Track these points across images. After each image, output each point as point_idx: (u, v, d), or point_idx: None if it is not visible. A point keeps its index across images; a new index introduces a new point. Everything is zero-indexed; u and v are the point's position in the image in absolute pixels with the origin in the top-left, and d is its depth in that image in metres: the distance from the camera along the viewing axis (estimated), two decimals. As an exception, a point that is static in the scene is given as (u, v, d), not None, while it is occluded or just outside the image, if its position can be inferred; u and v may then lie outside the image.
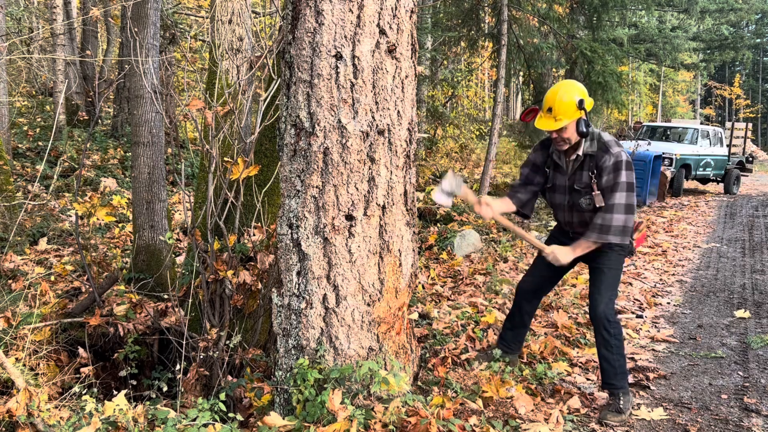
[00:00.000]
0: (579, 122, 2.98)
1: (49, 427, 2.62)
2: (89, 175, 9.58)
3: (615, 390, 3.15)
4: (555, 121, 2.97)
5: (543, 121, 3.03)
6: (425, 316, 4.72)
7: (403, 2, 2.75)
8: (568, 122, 2.97)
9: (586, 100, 2.96)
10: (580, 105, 2.93)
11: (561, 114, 2.96)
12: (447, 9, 12.37)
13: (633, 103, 32.99)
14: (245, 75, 3.69)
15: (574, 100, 2.94)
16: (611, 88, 10.66)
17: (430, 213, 9.01)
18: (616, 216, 2.96)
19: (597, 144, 3.04)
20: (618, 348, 3.12)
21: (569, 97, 2.94)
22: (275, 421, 2.62)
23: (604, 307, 3.11)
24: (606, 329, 3.11)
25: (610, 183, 2.98)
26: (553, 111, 2.97)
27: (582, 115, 2.97)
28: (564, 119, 2.95)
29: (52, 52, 11.62)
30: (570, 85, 3.02)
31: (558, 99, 2.96)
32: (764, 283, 6.06)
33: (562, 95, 2.96)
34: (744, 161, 16.03)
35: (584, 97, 2.97)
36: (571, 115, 2.95)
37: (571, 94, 2.96)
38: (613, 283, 3.16)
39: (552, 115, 2.98)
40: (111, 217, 4.64)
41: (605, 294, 3.14)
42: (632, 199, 2.99)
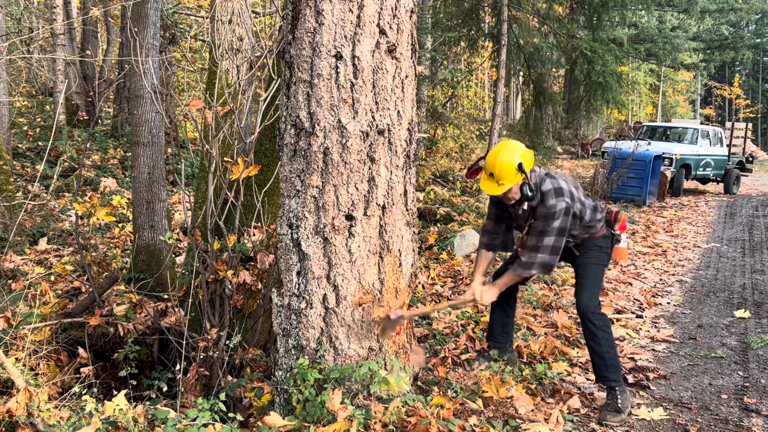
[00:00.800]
0: (522, 186, 3.06)
1: (49, 427, 2.62)
2: (89, 175, 9.58)
3: (609, 383, 3.18)
4: (498, 185, 3.07)
5: (487, 184, 3.13)
6: (425, 316, 4.72)
7: (403, 2, 2.75)
8: (511, 185, 3.06)
9: (525, 162, 3.03)
10: (519, 168, 3.01)
11: (503, 179, 3.05)
12: (447, 9, 12.37)
13: (633, 103, 32.99)
14: (245, 75, 3.69)
15: (514, 163, 3.01)
16: (611, 88, 10.66)
17: (430, 213, 9.01)
18: (540, 255, 3.11)
19: (539, 196, 3.14)
20: (606, 340, 3.19)
21: (509, 161, 3.01)
22: (275, 421, 2.62)
23: (587, 300, 3.24)
24: (591, 321, 3.20)
25: (540, 228, 3.11)
26: (495, 176, 3.06)
27: (523, 178, 3.05)
28: (506, 183, 3.05)
29: (52, 52, 11.62)
30: (509, 148, 3.08)
31: (498, 163, 3.03)
32: (764, 283, 6.06)
33: (502, 159, 3.03)
34: (744, 161, 16.03)
35: (524, 158, 3.04)
36: (512, 179, 3.04)
37: (510, 156, 3.02)
38: (595, 278, 3.31)
39: (494, 180, 3.08)
40: (111, 217, 4.64)
41: (588, 289, 3.27)
42: (559, 242, 3.11)
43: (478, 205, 9.65)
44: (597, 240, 3.34)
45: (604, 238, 3.36)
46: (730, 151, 15.62)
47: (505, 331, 3.66)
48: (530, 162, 3.09)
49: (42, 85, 14.80)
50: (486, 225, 3.45)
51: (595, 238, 3.34)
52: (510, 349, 3.69)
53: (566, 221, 3.11)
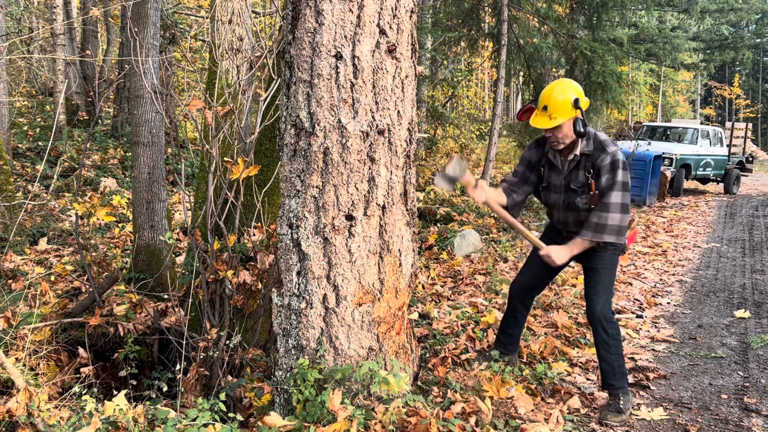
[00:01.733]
0: (576, 122, 2.95)
1: (49, 427, 2.62)
2: (89, 175, 9.58)
3: (615, 390, 3.15)
4: (550, 119, 2.94)
5: (538, 119, 3.00)
6: (425, 316, 4.72)
7: (403, 2, 2.75)
8: (564, 121, 2.94)
9: (581, 99, 2.94)
10: (575, 104, 2.91)
11: (556, 112, 2.93)
12: (447, 9, 12.37)
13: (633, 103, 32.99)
14: (245, 75, 3.69)
15: (570, 98, 2.91)
16: (611, 88, 10.66)
17: (430, 213, 9.01)
18: (612, 215, 2.95)
19: (593, 143, 3.02)
20: (616, 348, 3.13)
21: (565, 96, 2.92)
22: (275, 421, 2.62)
23: (602, 308, 3.12)
24: (604, 330, 3.12)
25: (609, 182, 2.96)
26: (549, 109, 2.95)
27: (578, 114, 2.95)
28: (559, 117, 2.93)
29: (52, 52, 11.62)
30: (566, 84, 3.00)
31: (553, 97, 2.93)
32: (764, 283, 6.06)
33: (557, 93, 2.93)
34: (744, 161, 16.03)
35: (580, 96, 2.94)
36: (566, 114, 2.93)
37: (567, 92, 2.93)
38: (609, 283, 3.17)
39: (547, 114, 2.96)
40: (111, 217, 4.64)
41: (602, 294, 3.14)
42: (627, 199, 2.98)
43: (478, 205, 9.65)
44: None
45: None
46: (730, 151, 15.62)
47: (514, 340, 3.62)
48: (586, 104, 2.98)
49: (42, 85, 14.80)
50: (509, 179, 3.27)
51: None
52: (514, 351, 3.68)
53: (627, 176, 2.95)
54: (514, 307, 3.54)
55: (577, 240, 3.09)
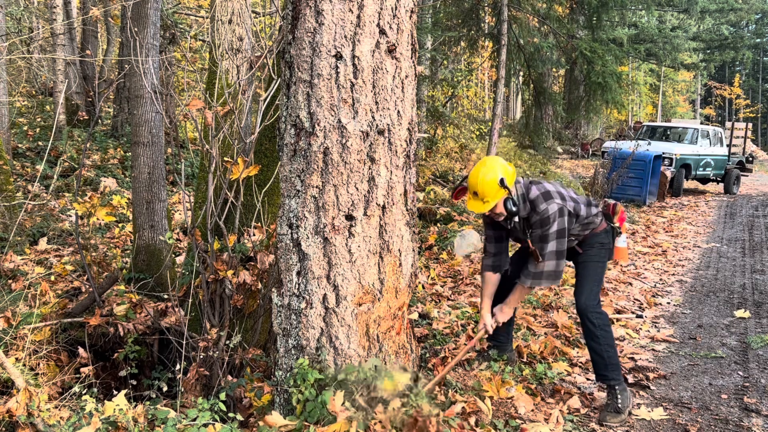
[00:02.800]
0: (506, 202, 3.06)
1: (49, 427, 2.62)
2: (89, 175, 9.58)
3: (609, 382, 3.18)
4: (483, 203, 3.07)
5: (473, 203, 3.13)
6: (425, 316, 4.72)
7: (403, 2, 2.75)
8: (495, 202, 3.06)
9: (507, 177, 3.03)
10: (501, 183, 3.02)
11: (487, 196, 3.05)
12: (447, 9, 12.36)
13: (633, 103, 32.99)
14: (245, 75, 3.69)
15: (496, 179, 3.02)
16: (611, 88, 10.66)
17: (430, 213, 9.01)
18: (547, 263, 3.11)
19: (528, 206, 3.14)
20: (605, 339, 3.18)
21: (491, 178, 3.02)
22: (276, 421, 2.62)
23: (586, 299, 3.23)
24: (590, 320, 3.20)
25: (543, 235, 3.11)
26: (479, 194, 3.06)
27: (506, 193, 3.06)
28: (491, 201, 3.05)
29: (52, 52, 11.61)
30: (489, 165, 3.08)
31: (480, 181, 3.04)
32: (764, 283, 6.06)
33: (483, 176, 3.03)
34: (744, 161, 16.03)
35: (505, 174, 3.04)
36: (495, 195, 3.04)
37: (491, 173, 3.03)
38: (594, 276, 3.29)
39: (479, 198, 3.08)
40: (111, 217, 4.64)
41: (587, 286, 3.26)
42: (562, 245, 3.12)
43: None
44: (599, 236, 3.32)
45: (606, 233, 3.34)
46: (730, 151, 15.62)
47: (506, 332, 3.66)
48: (512, 176, 3.10)
49: (42, 85, 14.80)
50: (487, 247, 3.43)
51: (596, 234, 3.31)
52: (510, 348, 3.70)
53: (563, 222, 3.10)
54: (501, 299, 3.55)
55: (516, 291, 3.28)
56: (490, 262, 3.41)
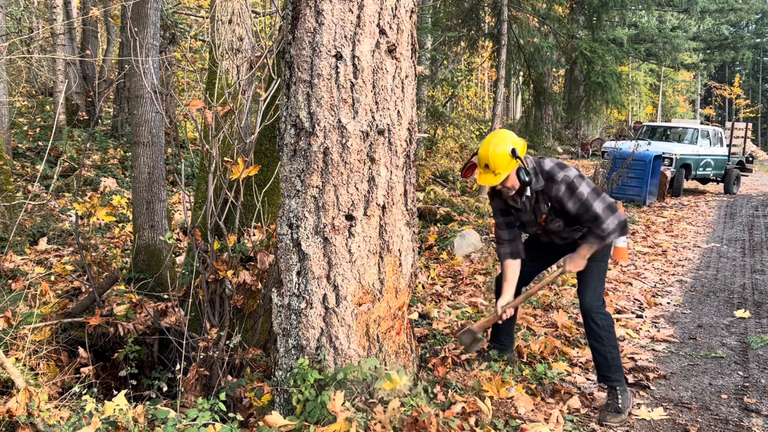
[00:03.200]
0: (519, 171, 3.04)
1: (49, 427, 2.62)
2: (89, 175, 9.58)
3: (611, 383, 3.17)
4: (495, 175, 3.03)
5: (484, 177, 3.09)
6: (425, 316, 4.72)
7: (403, 2, 2.75)
8: (507, 173, 3.02)
9: (518, 148, 3.01)
10: (513, 154, 2.98)
11: (498, 168, 3.01)
12: (447, 9, 12.37)
13: (633, 103, 32.99)
14: (245, 75, 3.69)
15: (507, 150, 2.98)
16: (611, 88, 10.67)
17: (430, 213, 9.01)
18: (605, 222, 3.02)
19: (542, 177, 3.10)
20: (608, 339, 3.16)
21: (502, 149, 2.99)
22: (276, 421, 2.62)
23: (590, 298, 3.19)
24: (593, 321, 3.17)
25: (579, 202, 3.04)
26: (491, 166, 3.03)
27: (518, 163, 3.03)
28: (502, 172, 3.01)
29: (52, 52, 11.61)
30: (500, 137, 3.06)
31: (491, 153, 3.00)
32: (764, 283, 6.06)
33: (494, 149, 3.00)
34: (744, 161, 16.03)
35: (516, 144, 3.02)
36: (507, 167, 3.00)
37: (502, 145, 3.00)
38: (599, 275, 3.24)
39: (490, 170, 3.04)
40: (111, 217, 4.64)
41: (591, 286, 3.22)
42: (606, 199, 3.05)
43: (478, 205, 9.65)
44: None
45: None
46: (730, 151, 15.62)
47: (508, 334, 3.66)
48: (523, 147, 3.06)
49: (42, 85, 14.80)
50: (501, 235, 3.38)
51: None
52: (511, 349, 3.70)
53: (589, 183, 3.04)
54: None
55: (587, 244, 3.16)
56: (508, 249, 3.35)
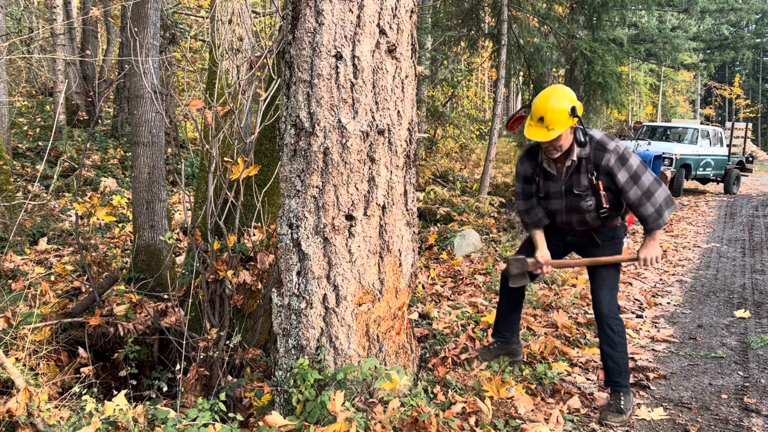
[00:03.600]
0: (576, 131, 2.90)
1: (49, 427, 2.62)
2: (89, 175, 9.58)
3: (618, 388, 3.14)
4: (548, 131, 2.85)
5: (534, 131, 2.90)
6: (425, 316, 4.72)
7: (403, 2, 2.75)
8: (562, 131, 2.87)
9: (577, 106, 2.87)
10: (572, 112, 2.84)
11: (554, 124, 2.84)
12: (447, 9, 12.36)
13: (633, 103, 32.98)
14: (245, 75, 3.69)
15: (566, 107, 2.84)
16: (611, 88, 10.65)
17: (430, 213, 9.01)
18: (656, 194, 2.89)
19: (591, 145, 2.95)
20: (622, 346, 3.13)
21: (560, 105, 2.84)
22: (276, 421, 2.62)
23: (609, 304, 3.12)
24: (610, 327, 3.11)
25: (630, 174, 2.91)
26: (546, 120, 2.85)
27: (575, 122, 2.88)
28: (557, 129, 2.83)
29: (52, 52, 11.61)
30: (560, 92, 2.91)
31: (550, 108, 2.84)
32: (764, 283, 6.06)
33: (553, 103, 2.85)
34: (744, 161, 16.04)
35: (575, 103, 2.88)
36: (564, 124, 2.84)
37: (563, 101, 2.85)
38: (615, 279, 3.17)
39: (544, 125, 2.86)
40: (111, 217, 4.64)
41: (608, 289, 3.14)
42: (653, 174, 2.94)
43: (478, 205, 9.65)
44: (617, 230, 3.18)
45: (623, 228, 3.22)
46: (730, 151, 15.63)
47: (512, 328, 3.54)
48: (581, 109, 2.90)
49: (42, 85, 14.80)
50: (519, 205, 3.25)
51: (614, 227, 3.17)
52: (515, 341, 3.56)
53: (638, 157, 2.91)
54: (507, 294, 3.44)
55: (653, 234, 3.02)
56: (530, 220, 3.23)
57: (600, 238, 3.17)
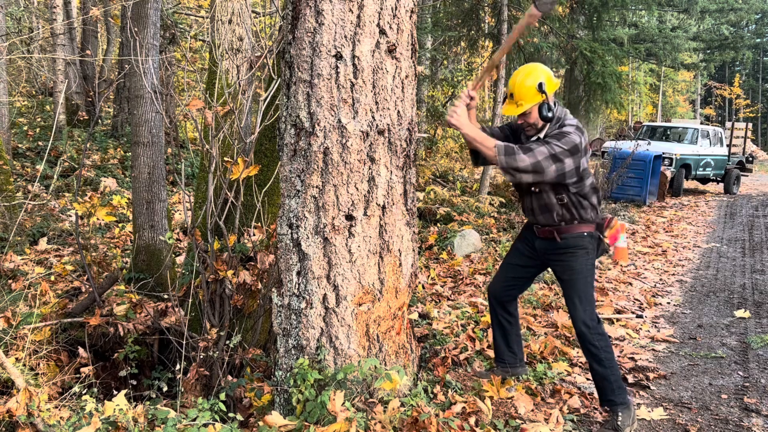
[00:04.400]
0: (541, 106, 2.86)
1: (49, 427, 2.62)
2: (89, 175, 9.58)
3: (614, 407, 2.97)
4: (517, 106, 2.87)
5: (507, 107, 2.94)
6: (425, 316, 4.72)
7: (403, 2, 2.75)
8: (530, 106, 2.86)
9: (547, 83, 2.83)
10: (540, 88, 2.83)
11: (522, 98, 2.86)
12: (447, 9, 12.37)
13: (633, 103, 32.98)
14: (245, 75, 3.69)
15: (534, 84, 2.84)
16: (610, 88, 10.66)
17: (430, 213, 9.01)
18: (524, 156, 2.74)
19: (557, 126, 2.89)
20: (609, 361, 2.94)
21: (530, 81, 2.85)
22: (276, 421, 2.62)
23: (583, 321, 2.94)
24: (591, 343, 2.93)
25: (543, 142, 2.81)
26: (515, 96, 2.89)
27: (543, 98, 2.85)
28: (525, 104, 2.85)
29: (52, 52, 11.61)
30: (531, 69, 2.90)
31: (518, 83, 2.86)
32: (764, 283, 6.06)
33: (523, 79, 2.86)
34: (744, 161, 16.04)
35: (548, 79, 2.85)
36: (531, 99, 2.84)
37: (532, 77, 2.85)
38: (585, 290, 2.96)
39: (514, 101, 2.90)
40: (111, 217, 4.64)
41: (580, 307, 2.95)
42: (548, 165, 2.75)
43: (478, 205, 9.65)
44: (582, 238, 2.94)
45: (590, 238, 2.96)
46: (730, 151, 15.63)
47: (511, 350, 3.34)
48: (554, 86, 2.87)
49: (42, 85, 14.80)
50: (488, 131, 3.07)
51: (577, 232, 2.94)
52: (521, 364, 3.40)
53: (568, 156, 2.76)
54: (495, 312, 3.30)
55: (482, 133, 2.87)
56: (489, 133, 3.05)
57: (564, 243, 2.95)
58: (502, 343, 3.34)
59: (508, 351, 3.34)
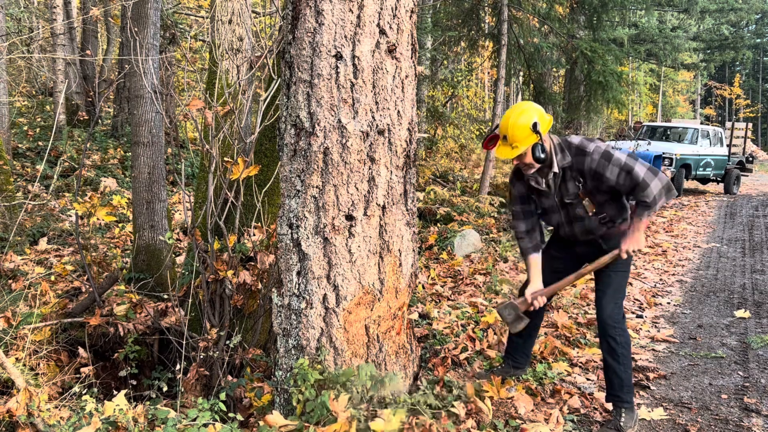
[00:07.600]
0: (534, 147, 2.82)
1: (49, 427, 2.62)
2: (89, 175, 9.58)
3: (620, 404, 2.99)
4: (512, 149, 2.81)
5: (501, 149, 2.88)
6: (425, 316, 4.72)
7: (403, 2, 2.75)
8: (525, 148, 2.81)
9: (540, 122, 2.80)
10: (534, 128, 2.78)
11: (516, 141, 2.79)
12: (447, 9, 12.37)
13: (633, 103, 32.97)
14: (245, 75, 3.69)
15: (528, 123, 2.79)
16: (611, 87, 10.66)
17: (430, 213, 9.01)
18: (651, 185, 2.76)
19: (570, 152, 2.89)
20: (625, 358, 2.95)
21: (522, 122, 2.79)
22: (277, 421, 2.62)
23: (611, 311, 2.98)
24: (612, 336, 2.96)
25: (617, 170, 2.81)
26: (509, 138, 2.83)
27: (537, 139, 2.81)
28: (520, 146, 2.80)
29: (52, 52, 11.61)
30: (523, 109, 2.85)
31: (511, 125, 2.80)
32: (764, 283, 6.06)
33: (514, 121, 2.80)
34: (744, 161, 16.04)
35: (540, 119, 2.81)
36: (526, 141, 2.79)
37: (524, 118, 2.80)
38: (621, 286, 3.04)
39: (508, 143, 2.84)
40: (111, 217, 4.64)
41: (612, 297, 3.00)
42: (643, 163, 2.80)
43: (478, 205, 9.65)
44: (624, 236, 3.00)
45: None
46: (730, 151, 15.63)
47: (525, 353, 3.38)
48: (548, 123, 2.83)
49: (42, 85, 14.80)
50: (518, 226, 3.13)
51: (621, 232, 3.00)
52: (525, 367, 3.43)
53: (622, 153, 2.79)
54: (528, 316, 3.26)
55: (640, 221, 2.90)
56: (529, 244, 3.10)
57: (608, 245, 3.03)
58: (519, 345, 3.37)
59: (522, 353, 3.37)
